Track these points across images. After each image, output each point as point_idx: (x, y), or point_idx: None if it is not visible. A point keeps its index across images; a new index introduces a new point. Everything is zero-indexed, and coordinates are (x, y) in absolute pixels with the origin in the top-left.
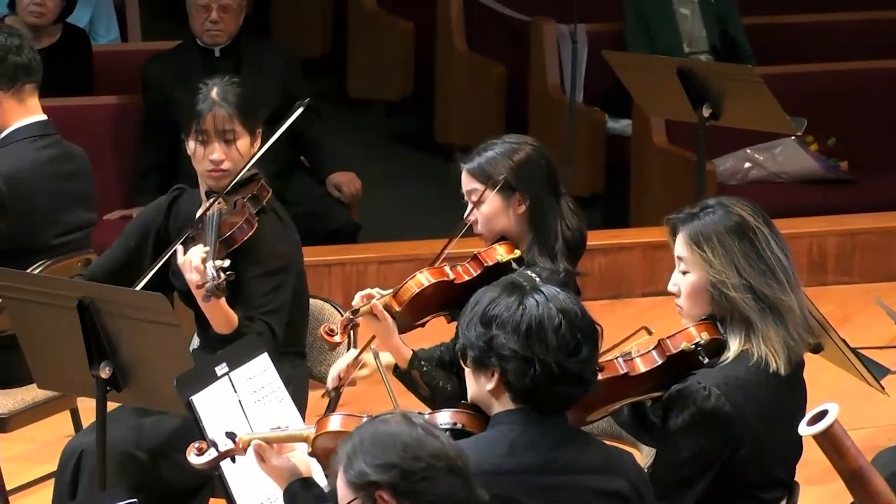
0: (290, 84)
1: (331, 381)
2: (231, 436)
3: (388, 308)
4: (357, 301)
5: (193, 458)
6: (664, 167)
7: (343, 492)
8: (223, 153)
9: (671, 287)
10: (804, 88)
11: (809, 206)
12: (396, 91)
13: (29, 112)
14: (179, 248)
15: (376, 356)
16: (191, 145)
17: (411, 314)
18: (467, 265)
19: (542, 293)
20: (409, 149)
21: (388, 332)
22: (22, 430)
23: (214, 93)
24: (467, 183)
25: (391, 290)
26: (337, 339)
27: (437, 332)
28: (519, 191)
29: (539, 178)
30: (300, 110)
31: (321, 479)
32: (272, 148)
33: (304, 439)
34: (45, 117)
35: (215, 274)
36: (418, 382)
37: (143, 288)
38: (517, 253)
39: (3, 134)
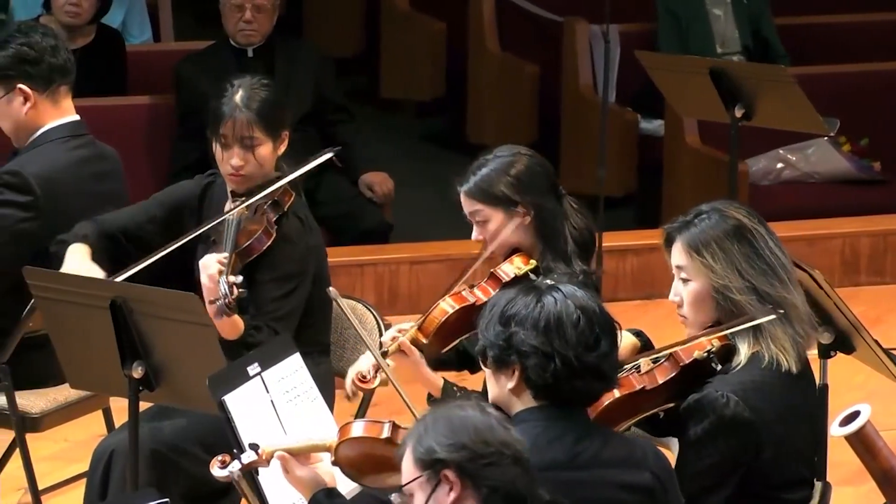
0: (322, 84)
1: (349, 384)
2: (254, 447)
3: (415, 341)
4: (385, 341)
5: (217, 471)
6: (696, 168)
7: (409, 468)
8: (242, 159)
9: (672, 297)
10: (837, 89)
11: (842, 206)
12: (428, 91)
13: (62, 113)
14: (200, 246)
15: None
16: (214, 146)
17: (438, 343)
18: (485, 285)
19: (560, 291)
20: (441, 149)
21: (417, 366)
22: (54, 430)
23: (238, 97)
24: (468, 205)
25: (415, 324)
26: (370, 385)
27: None
28: (521, 202)
29: (539, 186)
30: (328, 156)
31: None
32: (305, 149)
33: (326, 449)
34: (77, 117)
35: (227, 290)
36: None
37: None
38: (533, 263)
39: (37, 134)
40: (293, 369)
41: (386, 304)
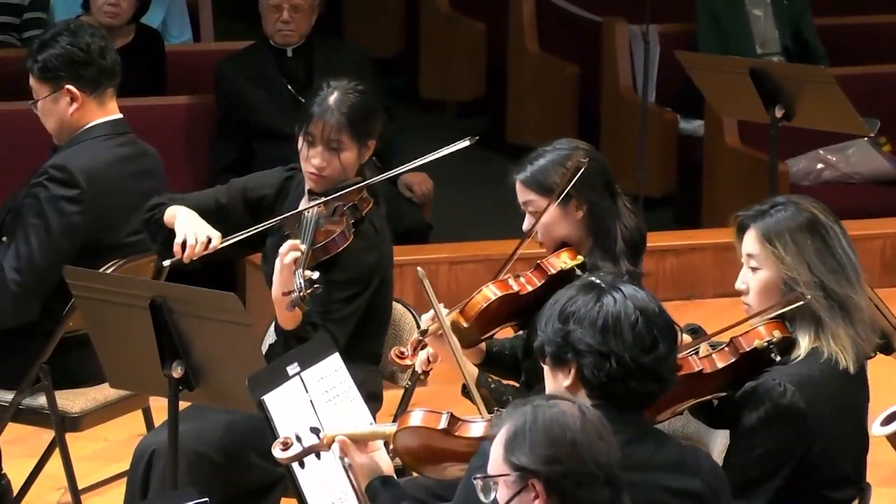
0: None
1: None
2: (315, 431)
3: (455, 324)
4: (425, 321)
5: (278, 453)
6: (736, 168)
7: (498, 464)
8: (325, 161)
9: (739, 285)
10: (877, 89)
11: (882, 207)
12: (468, 91)
13: (106, 112)
14: (270, 239)
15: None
16: (299, 142)
17: (479, 328)
18: (531, 275)
19: (621, 291)
20: (481, 149)
21: (456, 350)
22: (94, 430)
23: (332, 99)
24: (522, 194)
25: (458, 307)
26: (408, 361)
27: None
28: (575, 197)
29: (594, 182)
30: (464, 143)
31: None
32: None
33: (386, 437)
34: (120, 115)
35: (302, 284)
36: (487, 400)
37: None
38: (580, 259)
39: (79, 131)
40: (333, 369)
41: (425, 304)
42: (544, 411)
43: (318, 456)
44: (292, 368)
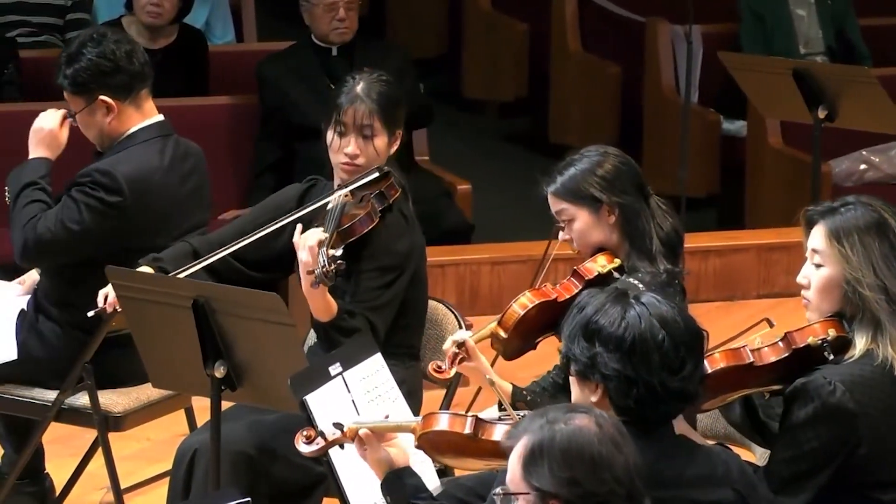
0: (403, 84)
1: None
2: (339, 426)
3: (495, 336)
4: (458, 336)
5: (302, 446)
6: (779, 169)
7: (518, 481)
8: (359, 148)
9: (800, 279)
10: None
11: None
12: (511, 91)
13: (146, 115)
14: (299, 226)
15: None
16: (329, 135)
17: (519, 338)
18: (568, 282)
19: (644, 304)
20: (523, 149)
21: (486, 370)
22: (137, 429)
23: (360, 87)
24: (554, 204)
25: (496, 319)
26: (447, 375)
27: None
28: (607, 202)
29: (626, 185)
30: (375, 175)
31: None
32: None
33: (410, 430)
34: (162, 118)
35: (326, 261)
36: None
37: (251, 264)
38: (617, 262)
39: (125, 136)
40: (375, 369)
41: (467, 304)
42: (561, 428)
43: (341, 447)
44: (334, 368)
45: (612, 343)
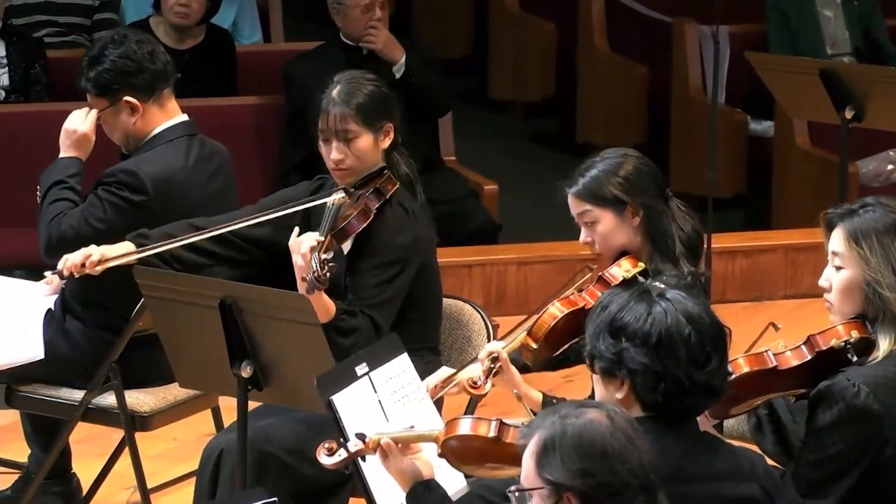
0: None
1: (440, 379)
2: (361, 437)
3: (525, 346)
4: (488, 349)
5: (324, 458)
6: (806, 169)
7: (531, 476)
8: (342, 152)
9: (822, 282)
10: None
11: None
12: (538, 92)
13: (169, 115)
14: (295, 230)
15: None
16: (319, 143)
17: (548, 347)
18: (594, 288)
19: (670, 301)
20: (550, 149)
21: (515, 383)
22: (163, 429)
23: (335, 92)
24: (576, 206)
25: (524, 328)
26: (482, 391)
27: None
28: (630, 203)
29: (647, 186)
30: (337, 195)
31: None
32: (412, 146)
33: (433, 440)
34: (186, 117)
35: (318, 266)
36: None
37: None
38: (641, 265)
39: (150, 136)
40: (401, 369)
41: (493, 304)
42: (573, 422)
43: (363, 459)
44: (361, 368)
45: (638, 338)
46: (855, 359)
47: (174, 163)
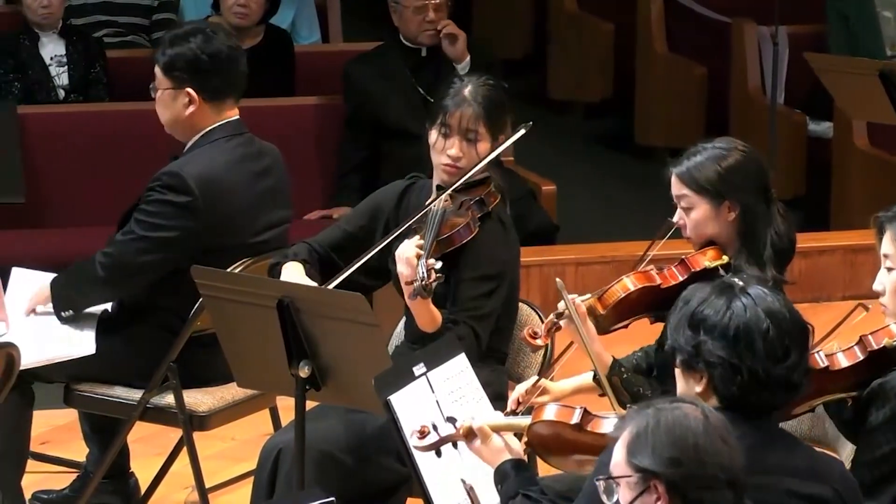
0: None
1: (510, 404)
2: (452, 420)
3: (591, 310)
4: (561, 305)
5: (415, 441)
6: (866, 170)
7: (621, 465)
8: (462, 151)
9: (876, 286)
10: None
11: None
12: (596, 92)
13: (222, 117)
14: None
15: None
16: (432, 136)
17: (615, 317)
18: (674, 269)
19: (751, 296)
20: (609, 150)
21: (589, 338)
22: (222, 429)
23: (468, 90)
24: (677, 188)
25: (597, 292)
26: (540, 342)
27: (640, 332)
28: (728, 198)
29: (749, 185)
30: (521, 132)
31: None
32: None
33: (521, 429)
34: (237, 116)
35: (425, 273)
36: (618, 389)
37: (361, 269)
38: (724, 259)
39: (198, 136)
40: (459, 370)
41: (551, 305)
42: (667, 414)
43: (454, 445)
44: (418, 369)
45: (716, 331)
46: None
47: (217, 161)
